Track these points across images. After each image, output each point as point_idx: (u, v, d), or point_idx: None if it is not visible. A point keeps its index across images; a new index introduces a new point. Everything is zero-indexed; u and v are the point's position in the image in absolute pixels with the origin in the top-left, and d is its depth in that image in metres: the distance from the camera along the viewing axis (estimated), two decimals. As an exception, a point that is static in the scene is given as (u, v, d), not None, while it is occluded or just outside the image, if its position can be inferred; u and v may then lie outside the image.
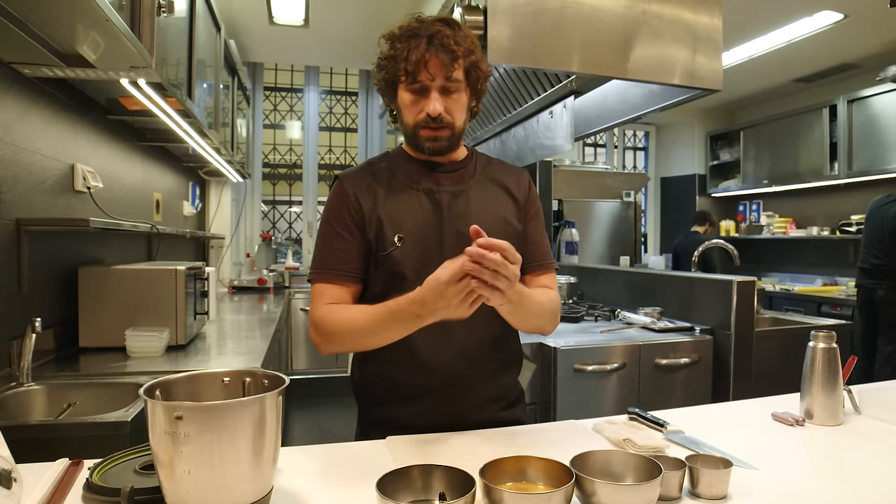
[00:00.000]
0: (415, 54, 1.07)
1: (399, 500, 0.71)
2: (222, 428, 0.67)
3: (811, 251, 5.09)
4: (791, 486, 0.91)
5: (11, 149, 1.63)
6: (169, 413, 0.66)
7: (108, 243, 2.36)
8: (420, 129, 1.13)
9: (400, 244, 1.13)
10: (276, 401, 0.73)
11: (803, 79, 4.80)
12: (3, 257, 1.56)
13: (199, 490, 0.68)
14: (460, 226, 1.14)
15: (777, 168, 5.11)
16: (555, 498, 0.71)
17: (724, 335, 2.35)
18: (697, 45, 2.19)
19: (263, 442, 0.71)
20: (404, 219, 1.15)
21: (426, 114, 1.10)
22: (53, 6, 1.25)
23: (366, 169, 1.23)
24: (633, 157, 6.46)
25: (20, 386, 1.51)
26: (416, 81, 1.10)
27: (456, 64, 1.09)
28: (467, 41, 1.11)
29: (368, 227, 1.15)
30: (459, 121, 1.15)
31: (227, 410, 0.68)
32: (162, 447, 0.67)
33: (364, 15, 3.76)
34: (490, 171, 1.26)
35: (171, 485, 0.68)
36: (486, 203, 1.21)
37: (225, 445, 0.68)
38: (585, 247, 4.35)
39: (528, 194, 1.27)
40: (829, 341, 1.25)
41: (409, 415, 1.15)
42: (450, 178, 1.20)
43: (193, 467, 0.67)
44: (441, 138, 1.13)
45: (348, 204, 1.17)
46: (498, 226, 1.18)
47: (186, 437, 0.66)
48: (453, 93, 1.11)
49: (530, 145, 3.15)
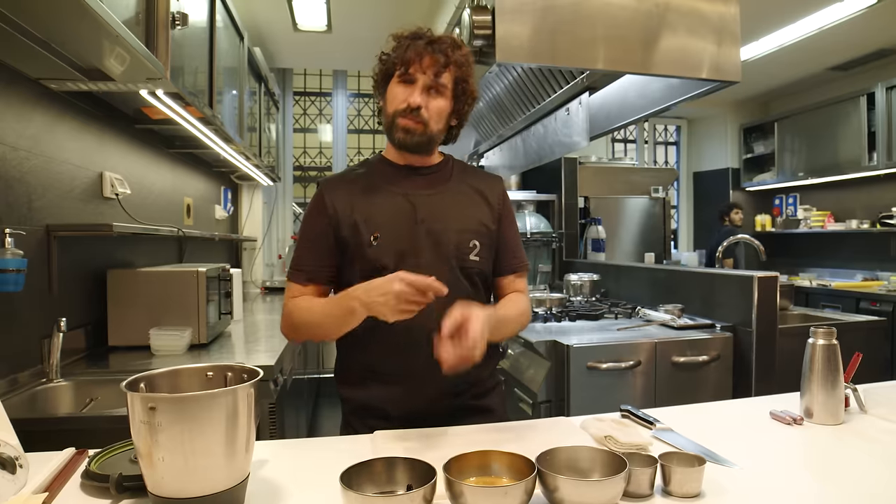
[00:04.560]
0: (413, 50, 1.18)
1: (362, 493, 0.74)
2: (194, 418, 0.72)
3: (850, 245, 4.90)
4: (769, 485, 0.91)
5: (41, 159, 1.73)
6: (144, 404, 0.72)
7: (138, 247, 2.48)
8: (398, 117, 1.20)
9: (376, 243, 1.21)
10: (247, 393, 0.77)
11: (839, 66, 4.62)
12: (35, 261, 1.67)
13: (173, 477, 0.73)
14: (433, 224, 1.23)
15: (813, 160, 4.94)
16: (512, 492, 0.73)
17: (746, 332, 2.30)
18: (714, 37, 2.15)
19: (236, 432, 0.76)
20: (380, 219, 1.22)
21: (408, 103, 1.19)
22: (67, 26, 1.33)
23: (344, 176, 1.33)
24: (665, 152, 6.34)
25: (49, 382, 1.62)
26: (407, 73, 1.19)
27: (447, 69, 1.20)
28: (464, 58, 1.22)
29: (343, 228, 1.23)
30: (435, 125, 1.22)
31: (199, 401, 0.73)
32: (139, 436, 0.73)
33: (385, 18, 3.81)
34: (466, 177, 1.33)
35: (148, 472, 0.74)
36: (460, 205, 1.28)
37: (196, 434, 0.72)
38: (614, 244, 4.31)
39: (502, 200, 1.34)
40: (828, 338, 1.23)
41: (386, 400, 1.20)
42: (425, 180, 1.28)
43: (167, 455, 0.72)
44: (414, 131, 1.20)
45: (324, 210, 1.25)
46: (472, 226, 1.26)
47: (160, 426, 0.71)
48: (438, 95, 1.21)
49: (549, 143, 3.15)
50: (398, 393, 1.22)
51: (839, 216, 4.94)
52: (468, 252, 1.24)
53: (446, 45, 1.20)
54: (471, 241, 1.24)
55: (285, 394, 2.20)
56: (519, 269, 1.34)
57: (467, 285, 1.25)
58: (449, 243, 1.22)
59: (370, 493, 0.76)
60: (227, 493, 0.76)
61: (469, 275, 1.25)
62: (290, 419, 2.50)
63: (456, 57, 1.20)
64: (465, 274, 1.24)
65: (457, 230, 1.24)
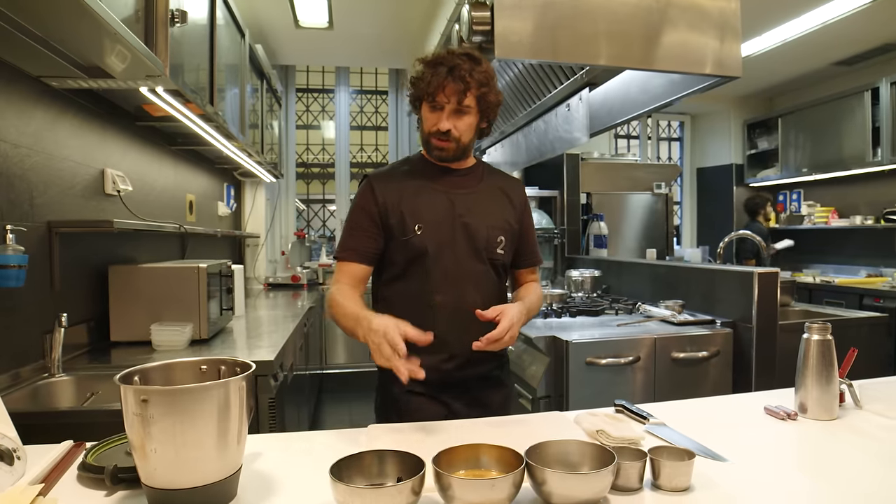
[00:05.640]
0: (436, 80, 1.33)
1: (353, 485, 0.75)
2: (185, 410, 0.74)
3: (855, 241, 4.87)
4: (759, 480, 0.91)
5: (42, 156, 1.75)
6: (137, 396, 0.73)
7: (140, 243, 2.49)
8: (432, 137, 1.39)
9: (420, 232, 1.38)
10: (239, 386, 0.79)
11: (843, 61, 4.58)
12: (36, 257, 1.68)
13: (166, 468, 0.74)
14: (468, 219, 1.41)
15: (818, 155, 4.91)
16: (500, 484, 0.73)
17: (746, 328, 2.30)
18: (715, 32, 2.14)
19: (228, 424, 0.77)
20: (423, 212, 1.40)
21: (437, 128, 1.36)
22: (66, 24, 1.34)
23: (391, 171, 1.49)
24: (668, 147, 6.32)
25: (51, 376, 1.64)
26: (434, 101, 1.35)
27: (469, 93, 1.34)
28: (482, 75, 1.35)
29: (392, 217, 1.39)
30: (466, 137, 1.39)
31: (191, 394, 0.74)
32: (132, 428, 0.74)
33: (386, 15, 3.82)
34: (493, 179, 1.52)
35: (142, 463, 0.75)
36: (490, 204, 1.46)
37: (188, 427, 0.74)
38: (616, 240, 4.30)
39: (523, 201, 1.54)
40: (823, 333, 1.23)
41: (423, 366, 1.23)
42: (461, 181, 1.46)
43: (159, 447, 0.74)
44: (447, 149, 1.39)
45: (373, 199, 1.41)
46: (499, 224, 1.44)
47: (152, 418, 0.72)
48: (464, 115, 1.37)
49: (550, 139, 3.15)
50: (435, 360, 1.33)
51: (843, 212, 4.91)
52: (496, 246, 1.43)
53: (465, 70, 1.32)
54: (498, 237, 1.43)
55: (286, 389, 2.22)
56: (536, 263, 1.57)
57: (493, 274, 1.44)
58: (480, 237, 1.40)
59: (360, 486, 0.77)
60: (219, 485, 0.77)
61: (495, 265, 1.44)
62: (291, 414, 2.51)
63: (477, 77, 1.33)
64: (492, 264, 1.43)
65: (487, 226, 1.42)
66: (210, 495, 0.78)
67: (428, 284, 1.38)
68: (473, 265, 1.41)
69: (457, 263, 1.39)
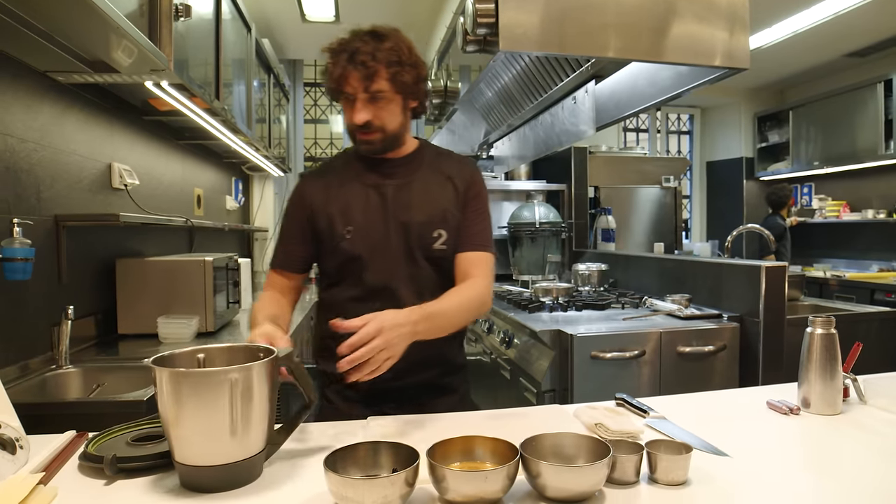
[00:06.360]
0: (337, 70, 1.20)
1: (348, 476, 0.76)
2: (213, 392, 0.79)
3: (866, 235, 4.82)
4: (758, 474, 0.90)
5: (49, 150, 1.76)
6: (170, 379, 0.79)
7: (148, 237, 2.51)
8: (354, 132, 1.26)
9: (349, 235, 1.28)
10: (264, 370, 0.84)
11: (856, 53, 4.52)
12: (44, 251, 1.70)
13: (195, 446, 0.81)
14: (403, 216, 1.29)
15: (829, 148, 4.85)
16: (493, 476, 0.74)
17: (753, 323, 2.28)
18: (723, 23, 2.12)
19: (251, 406, 0.82)
20: (353, 213, 1.29)
21: (354, 121, 1.23)
22: (71, 19, 1.36)
23: (324, 168, 1.40)
24: (678, 141, 6.27)
25: (58, 368, 1.66)
26: (342, 94, 1.22)
27: (376, 77, 1.19)
28: (389, 53, 1.19)
29: (320, 220, 1.30)
30: (392, 125, 1.25)
31: (216, 377, 0.80)
32: (165, 408, 0.80)
33: (392, 8, 3.81)
34: (438, 163, 1.37)
35: (174, 442, 0.81)
36: (428, 194, 1.32)
37: (215, 408, 0.79)
38: (625, 234, 4.28)
39: (469, 182, 1.35)
40: (826, 327, 1.21)
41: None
42: (395, 172, 1.32)
43: (189, 426, 0.79)
44: (373, 141, 1.26)
45: (301, 202, 1.33)
46: (438, 215, 1.30)
47: (183, 399, 0.78)
48: (380, 101, 1.21)
49: (556, 132, 3.13)
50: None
51: (855, 206, 4.85)
52: (432, 241, 1.29)
53: (367, 53, 1.17)
54: (435, 231, 1.29)
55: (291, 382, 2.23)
56: (472, 248, 1.32)
57: (432, 272, 1.30)
58: (414, 234, 1.28)
59: (354, 476, 0.77)
60: (244, 464, 0.83)
61: (436, 262, 1.30)
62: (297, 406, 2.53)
63: (382, 57, 1.18)
64: (431, 262, 1.30)
65: (421, 221, 1.29)
66: (233, 473, 0.83)
67: (363, 291, 1.27)
68: (410, 267, 1.28)
69: (392, 267, 1.28)
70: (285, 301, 1.35)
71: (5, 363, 1.53)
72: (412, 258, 1.29)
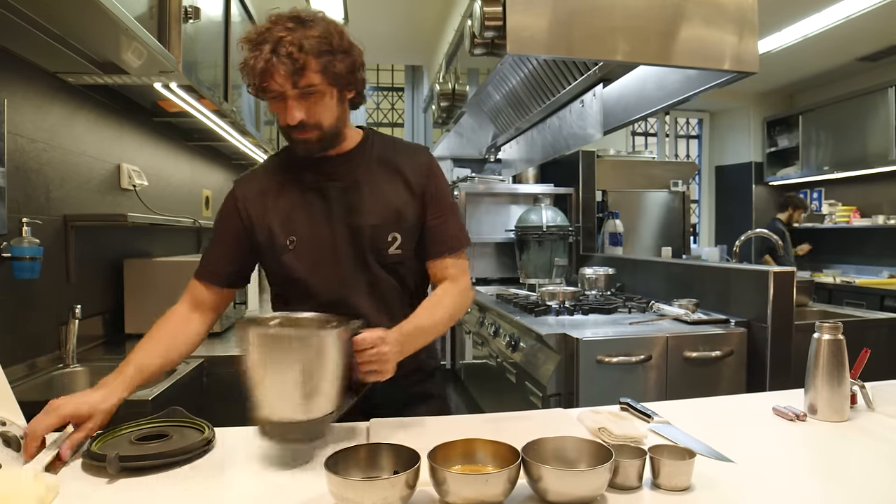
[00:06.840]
0: (261, 64, 1.03)
1: (349, 478, 0.76)
2: (287, 352, 0.89)
3: (877, 241, 4.77)
4: (763, 480, 0.90)
5: (59, 151, 1.78)
6: (254, 337, 0.90)
7: (156, 238, 2.53)
8: (288, 132, 1.12)
9: (293, 247, 1.16)
10: (335, 336, 0.92)
11: (867, 57, 4.49)
12: (52, 250, 1.72)
13: (271, 399, 0.90)
14: (351, 220, 1.16)
15: (839, 153, 4.81)
16: (494, 480, 0.73)
17: (761, 328, 2.26)
18: (732, 27, 2.12)
19: (323, 369, 0.90)
20: (295, 221, 1.17)
21: (286, 122, 1.09)
22: (81, 21, 1.37)
23: (258, 172, 1.26)
24: (686, 145, 6.25)
25: (66, 367, 1.67)
26: (268, 91, 1.07)
27: (306, 71, 1.04)
28: (318, 41, 1.04)
29: (259, 232, 1.18)
30: (329, 120, 1.11)
31: (289, 340, 0.91)
32: (249, 363, 0.89)
33: (401, 11, 3.83)
34: (387, 156, 1.23)
35: (255, 393, 0.90)
36: (377, 194, 1.19)
37: (290, 365, 0.88)
38: (633, 238, 4.27)
39: (424, 176, 1.22)
40: (834, 333, 1.20)
41: None
42: (338, 171, 1.19)
43: (271, 382, 0.89)
44: (310, 140, 1.12)
45: (236, 211, 1.20)
46: (390, 216, 1.18)
47: (264, 357, 0.89)
48: (313, 95, 1.08)
49: (564, 135, 3.13)
50: None
51: (865, 211, 4.81)
52: (386, 247, 1.17)
53: (293, 44, 1.02)
54: (389, 235, 1.17)
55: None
56: (443, 255, 1.22)
57: (391, 279, 1.20)
58: (365, 239, 1.16)
59: (354, 478, 0.77)
60: (315, 422, 0.91)
61: (393, 269, 1.20)
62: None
63: (310, 46, 1.03)
64: (387, 269, 1.19)
65: (372, 225, 1.17)
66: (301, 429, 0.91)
67: (316, 307, 1.11)
68: (363, 276, 1.16)
69: (344, 278, 1.16)
70: (192, 326, 1.20)
71: (13, 361, 1.54)
72: (366, 266, 1.17)
